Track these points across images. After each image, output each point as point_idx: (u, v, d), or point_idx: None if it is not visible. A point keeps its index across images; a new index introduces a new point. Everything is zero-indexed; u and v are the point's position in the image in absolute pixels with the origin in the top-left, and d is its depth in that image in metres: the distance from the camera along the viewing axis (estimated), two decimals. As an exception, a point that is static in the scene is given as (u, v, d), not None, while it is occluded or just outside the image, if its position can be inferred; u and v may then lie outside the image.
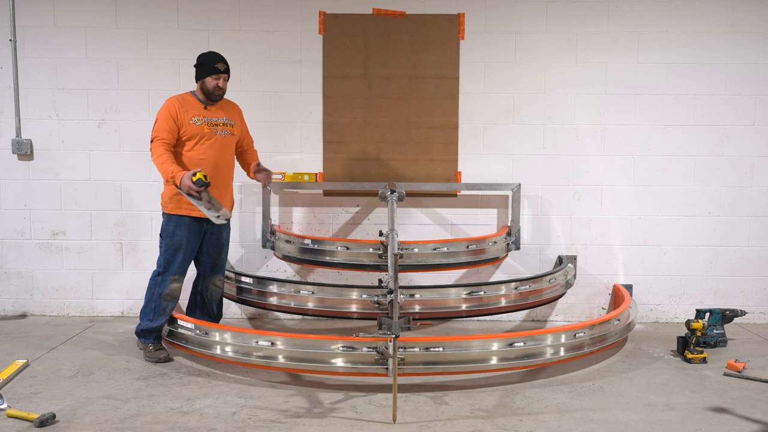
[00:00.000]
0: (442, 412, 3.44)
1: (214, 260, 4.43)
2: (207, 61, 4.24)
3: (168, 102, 4.23)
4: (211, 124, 4.26)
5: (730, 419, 3.39)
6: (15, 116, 5.17)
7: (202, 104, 4.27)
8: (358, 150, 5.22)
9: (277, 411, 3.45)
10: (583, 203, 5.27)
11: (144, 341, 4.28)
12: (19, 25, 5.13)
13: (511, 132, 5.23)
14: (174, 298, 4.27)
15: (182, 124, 4.17)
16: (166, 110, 4.18)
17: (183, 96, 4.29)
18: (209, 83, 4.23)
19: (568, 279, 4.98)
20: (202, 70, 4.24)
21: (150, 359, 4.20)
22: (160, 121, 4.16)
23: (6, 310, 5.34)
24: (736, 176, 5.24)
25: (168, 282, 4.22)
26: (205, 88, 4.24)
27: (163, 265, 4.24)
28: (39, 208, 5.25)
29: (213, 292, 4.50)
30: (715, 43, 5.16)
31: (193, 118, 4.20)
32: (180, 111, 4.18)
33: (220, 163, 4.29)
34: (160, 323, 4.23)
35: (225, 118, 4.33)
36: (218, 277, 4.49)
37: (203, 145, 4.22)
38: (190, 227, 4.23)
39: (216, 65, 4.21)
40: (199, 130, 4.20)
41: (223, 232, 4.44)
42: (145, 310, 4.28)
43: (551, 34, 5.17)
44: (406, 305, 4.45)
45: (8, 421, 3.26)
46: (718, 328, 4.61)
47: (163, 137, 4.11)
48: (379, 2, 5.15)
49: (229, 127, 4.35)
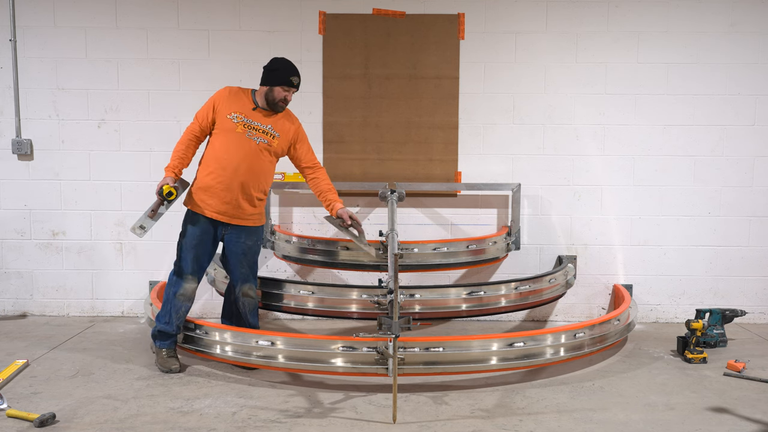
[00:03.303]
0: (442, 412, 3.44)
1: (240, 268, 4.14)
2: (282, 69, 4.02)
3: (222, 89, 4.10)
4: (249, 126, 4.01)
5: (730, 419, 3.39)
6: (15, 116, 5.17)
7: (253, 104, 4.06)
8: (358, 150, 5.22)
9: (277, 411, 3.45)
10: (583, 203, 5.28)
11: (159, 345, 4.08)
12: (19, 25, 5.13)
13: (511, 132, 5.23)
14: (188, 299, 4.04)
15: (219, 116, 4.01)
16: (214, 97, 4.07)
17: (240, 90, 4.11)
18: (277, 93, 4.01)
19: (568, 279, 4.98)
20: (274, 78, 4.01)
21: (161, 367, 4.01)
22: (203, 106, 4.07)
23: (6, 310, 5.34)
24: (736, 176, 5.24)
25: (182, 281, 4.03)
26: (271, 97, 4.02)
27: (178, 264, 4.08)
28: (39, 208, 5.26)
29: (245, 302, 4.18)
30: (715, 43, 5.16)
31: (232, 113, 4.01)
32: (224, 102, 4.02)
33: (245, 168, 3.99)
34: (173, 328, 4.03)
35: (270, 126, 4.06)
36: (249, 285, 4.17)
37: (231, 144, 3.98)
38: (204, 227, 4.04)
39: (291, 78, 4.00)
40: (232, 128, 3.99)
41: (250, 238, 4.14)
42: (161, 312, 4.08)
43: (551, 34, 5.17)
44: (406, 305, 4.45)
45: (8, 421, 3.26)
46: (718, 328, 4.61)
47: (193, 126, 4.05)
48: (379, 2, 5.16)
49: (269, 137, 4.05)
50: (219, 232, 4.09)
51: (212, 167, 4.01)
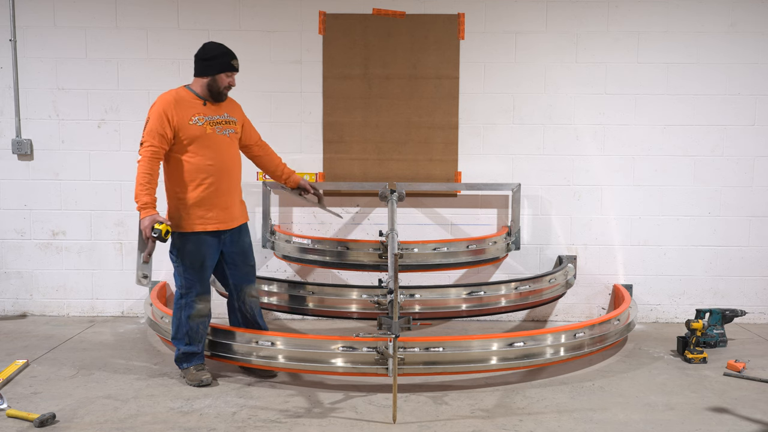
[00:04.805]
0: (442, 412, 3.44)
1: (242, 270, 3.99)
2: (221, 56, 3.79)
3: (161, 100, 3.73)
4: (214, 122, 3.79)
5: (730, 419, 3.39)
6: (15, 116, 5.17)
7: (201, 100, 3.80)
8: (358, 150, 5.22)
9: (277, 411, 3.45)
10: (583, 203, 5.28)
11: (185, 366, 3.85)
12: (19, 25, 5.13)
13: (511, 132, 5.23)
14: (203, 317, 3.85)
15: (180, 127, 3.70)
16: (160, 110, 3.68)
17: (177, 92, 3.79)
18: (221, 81, 3.78)
19: (568, 279, 4.98)
20: (214, 66, 3.77)
21: (192, 382, 3.78)
22: (152, 122, 3.67)
23: (6, 310, 5.34)
24: (736, 176, 5.24)
25: (193, 303, 3.81)
26: (215, 86, 3.78)
27: (186, 287, 3.82)
28: (39, 208, 5.26)
29: (251, 304, 4.03)
30: (715, 43, 5.16)
31: (192, 117, 3.72)
32: (176, 111, 3.69)
33: (229, 165, 3.85)
34: (199, 347, 3.86)
35: (226, 114, 3.88)
36: (252, 286, 4.04)
37: (208, 149, 3.75)
38: (208, 242, 3.81)
39: (232, 62, 3.80)
40: (201, 131, 3.74)
41: (245, 237, 4.01)
42: (177, 336, 3.86)
43: (551, 34, 5.17)
44: (406, 305, 4.45)
45: (8, 421, 3.26)
46: (718, 328, 4.61)
47: (152, 143, 3.64)
48: (379, 2, 5.16)
49: (232, 125, 3.90)
50: (221, 239, 3.89)
51: (196, 180, 3.75)
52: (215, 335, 3.97)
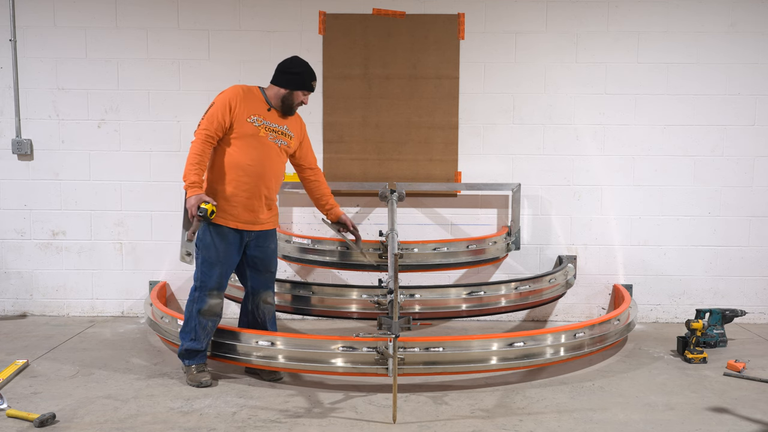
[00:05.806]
0: (442, 412, 3.44)
1: (263, 275, 3.97)
2: (305, 73, 3.84)
3: (232, 89, 3.79)
4: (270, 129, 3.81)
5: (730, 419, 3.39)
6: (15, 116, 5.17)
7: (267, 105, 3.84)
8: (358, 150, 5.22)
9: (277, 411, 3.45)
10: (583, 203, 5.28)
11: (188, 363, 3.85)
12: (19, 25, 5.13)
13: (511, 132, 5.23)
14: (214, 315, 3.82)
15: (237, 120, 3.73)
16: (227, 98, 3.73)
17: (249, 88, 3.84)
18: (297, 97, 3.84)
19: (568, 279, 4.98)
20: (295, 81, 3.81)
21: (192, 383, 3.78)
22: (215, 107, 3.71)
23: (6, 310, 5.34)
24: (736, 176, 5.24)
25: (206, 297, 3.78)
26: (289, 100, 3.83)
27: (200, 279, 3.80)
28: (39, 208, 5.26)
29: (265, 310, 4.01)
30: (715, 43, 5.16)
31: (252, 116, 3.76)
32: (241, 104, 3.74)
33: (269, 173, 3.82)
34: (203, 344, 3.82)
35: (285, 127, 3.88)
36: (269, 293, 4.02)
37: (254, 150, 3.76)
38: (229, 239, 3.78)
39: (312, 83, 3.85)
40: (254, 132, 3.76)
41: (270, 243, 3.97)
42: (185, 330, 3.84)
43: (551, 34, 5.17)
44: (406, 305, 4.45)
45: (8, 421, 3.26)
46: (718, 328, 4.61)
47: (208, 129, 3.68)
48: (379, 2, 5.16)
49: (287, 138, 3.89)
50: (244, 239, 3.86)
51: (232, 175, 3.76)
52: (216, 335, 3.97)
